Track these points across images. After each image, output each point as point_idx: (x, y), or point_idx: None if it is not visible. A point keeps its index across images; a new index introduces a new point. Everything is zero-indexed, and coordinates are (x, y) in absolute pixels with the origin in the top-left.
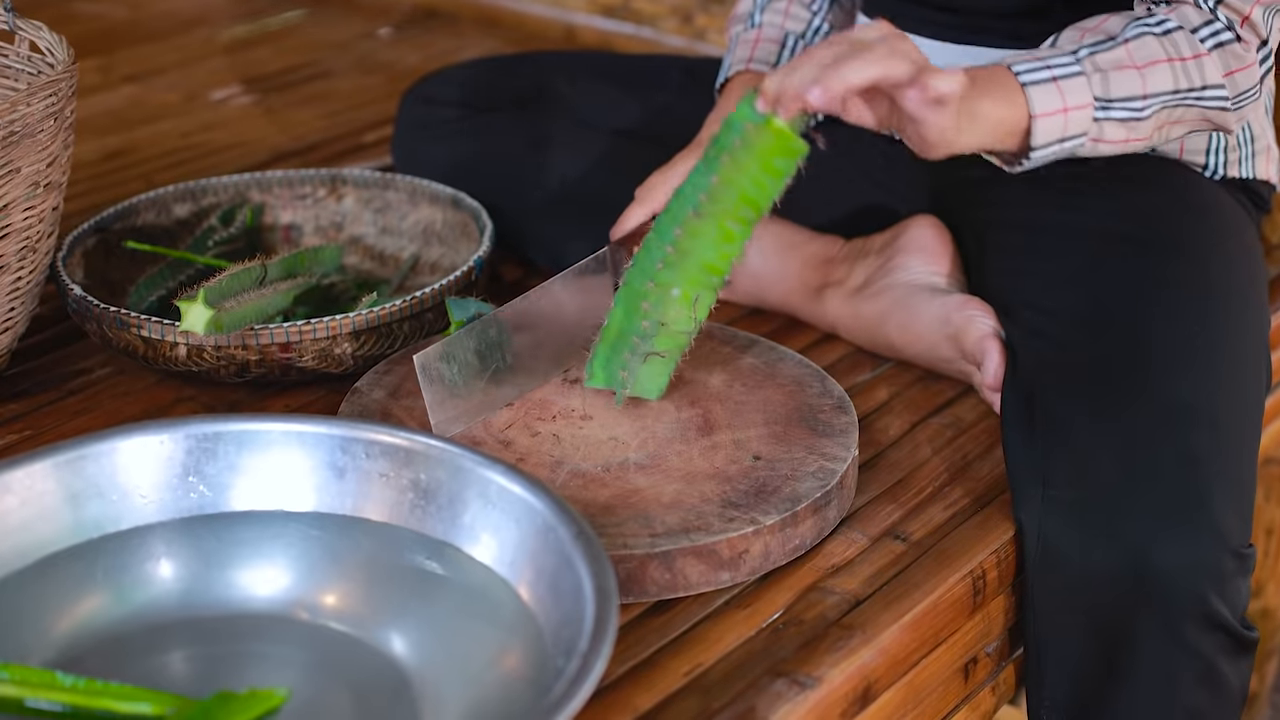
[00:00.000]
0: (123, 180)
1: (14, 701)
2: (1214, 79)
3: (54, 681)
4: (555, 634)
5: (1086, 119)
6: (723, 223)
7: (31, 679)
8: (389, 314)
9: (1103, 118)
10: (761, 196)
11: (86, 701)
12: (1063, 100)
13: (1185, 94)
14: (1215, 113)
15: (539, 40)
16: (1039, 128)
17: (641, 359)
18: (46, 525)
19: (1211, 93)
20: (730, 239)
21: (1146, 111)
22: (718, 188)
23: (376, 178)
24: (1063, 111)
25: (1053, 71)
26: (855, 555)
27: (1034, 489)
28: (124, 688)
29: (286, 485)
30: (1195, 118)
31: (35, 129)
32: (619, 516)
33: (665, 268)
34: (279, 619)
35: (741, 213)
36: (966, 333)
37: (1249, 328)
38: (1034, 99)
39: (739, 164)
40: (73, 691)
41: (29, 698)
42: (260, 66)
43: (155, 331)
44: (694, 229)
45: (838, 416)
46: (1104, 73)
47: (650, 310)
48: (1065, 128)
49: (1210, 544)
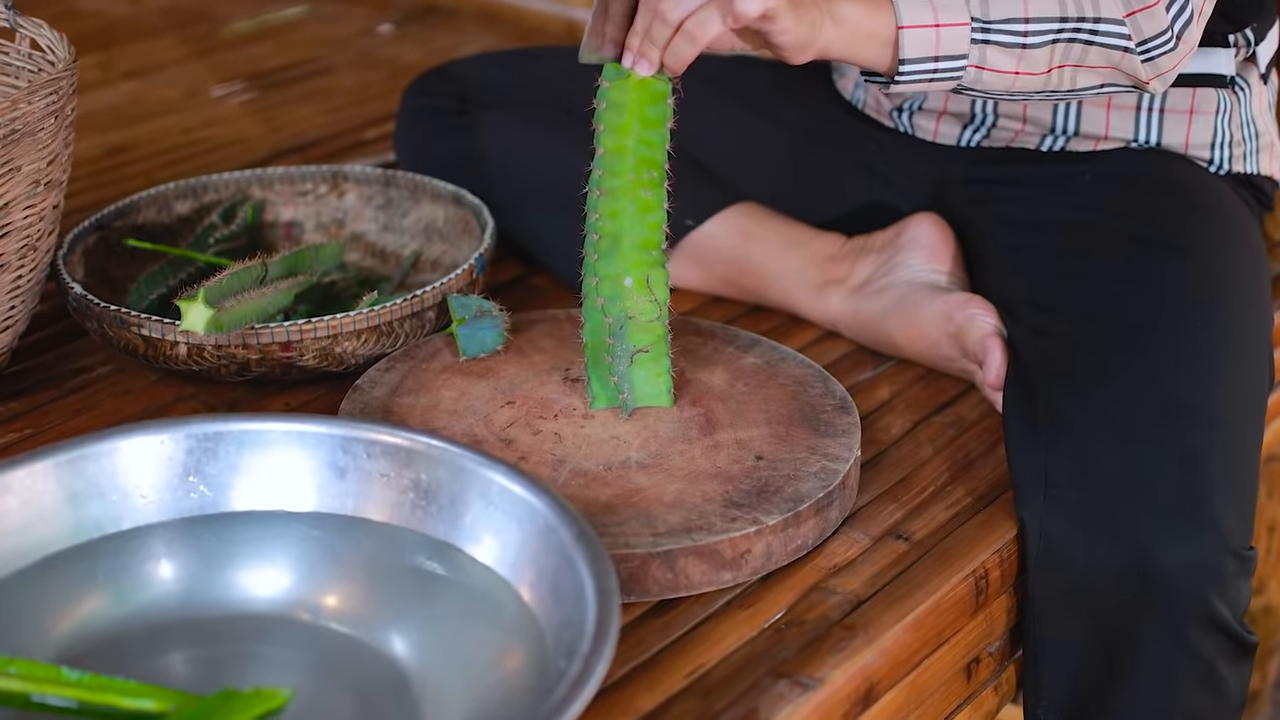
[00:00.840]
0: (123, 177)
1: (20, 696)
2: (1110, 13)
3: (59, 676)
4: (557, 635)
5: (963, 40)
6: (635, 193)
7: (37, 674)
8: (390, 313)
9: (982, 40)
10: (653, 150)
11: (91, 697)
12: (935, 15)
13: (1076, 25)
14: (1120, 55)
15: (540, 35)
16: (906, 41)
17: (627, 360)
18: (47, 525)
19: (1107, 28)
20: (648, 207)
21: (1033, 40)
22: (608, 158)
23: (378, 174)
24: (934, 26)
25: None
26: (857, 555)
27: (1036, 488)
28: (128, 683)
29: (287, 485)
30: (1101, 61)
31: (36, 127)
32: (621, 516)
33: (601, 258)
34: (280, 620)
35: (645, 176)
36: (968, 331)
37: (1252, 326)
38: (901, 10)
39: (617, 128)
40: (77, 686)
41: (34, 692)
42: (261, 62)
43: (156, 330)
44: (610, 210)
45: (840, 416)
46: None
47: (609, 305)
48: (938, 45)
49: (1212, 545)
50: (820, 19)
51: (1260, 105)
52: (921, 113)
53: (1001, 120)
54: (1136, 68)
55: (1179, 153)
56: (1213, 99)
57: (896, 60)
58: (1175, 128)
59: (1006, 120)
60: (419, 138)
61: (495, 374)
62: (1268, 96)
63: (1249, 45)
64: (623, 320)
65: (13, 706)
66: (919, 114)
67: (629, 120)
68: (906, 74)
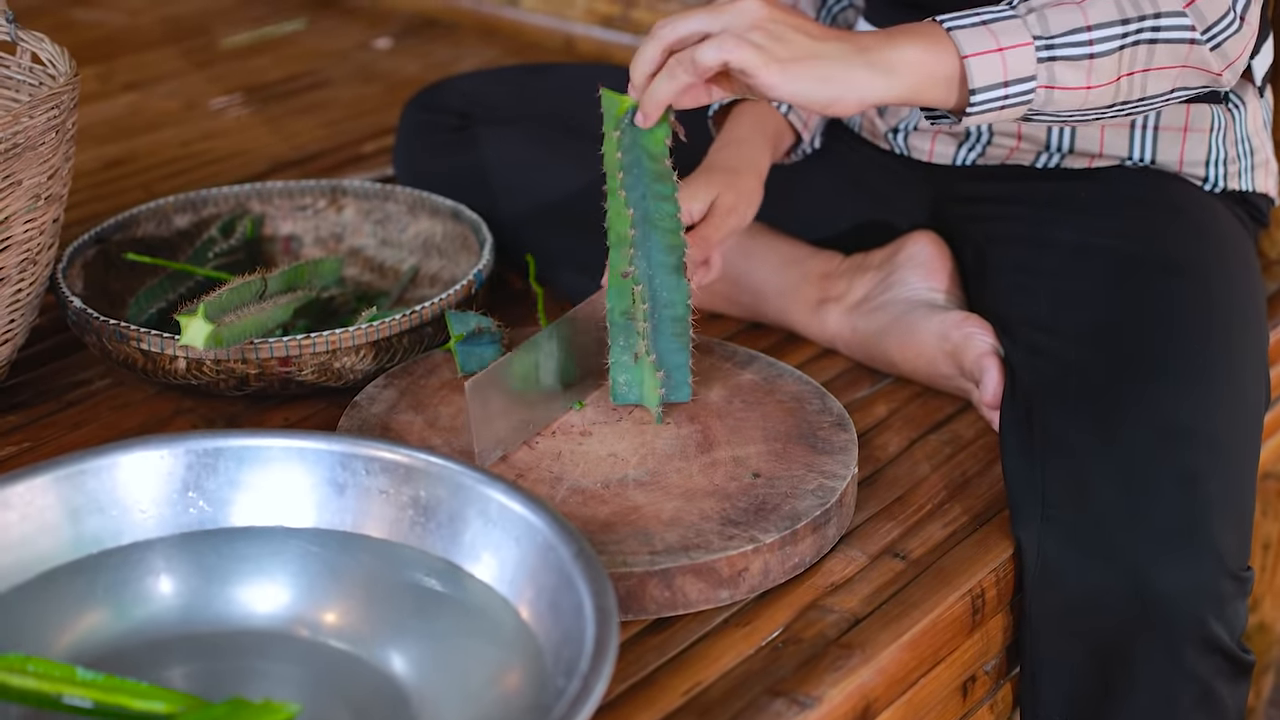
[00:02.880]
0: (122, 189)
1: (33, 694)
2: (1170, 6)
3: (74, 676)
4: (555, 653)
5: (1029, 60)
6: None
7: (53, 673)
8: (389, 328)
9: (1048, 58)
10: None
11: (103, 697)
12: (996, 40)
13: (1139, 25)
14: (1187, 49)
15: (538, 50)
16: (974, 69)
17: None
18: (47, 540)
19: (1169, 21)
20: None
21: (1099, 48)
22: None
23: (377, 189)
24: (998, 51)
25: (982, 17)
26: (854, 573)
27: (1033, 508)
28: (140, 685)
29: (286, 501)
30: (1169, 61)
31: (37, 142)
32: (619, 534)
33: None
34: (279, 636)
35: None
36: (965, 350)
37: (1249, 346)
38: (961, 40)
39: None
40: (89, 686)
41: (50, 691)
42: (260, 75)
43: (155, 345)
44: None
45: (837, 434)
46: (1039, 12)
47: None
48: (1005, 70)
49: (1210, 567)
50: (853, 75)
51: (1255, 122)
52: (917, 133)
53: (997, 138)
54: (1206, 59)
55: (1173, 170)
56: (1207, 116)
57: (963, 94)
58: (1170, 145)
59: (1001, 138)
60: (418, 152)
61: None
62: (1263, 113)
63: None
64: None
65: (27, 705)
66: (914, 134)
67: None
68: (977, 105)
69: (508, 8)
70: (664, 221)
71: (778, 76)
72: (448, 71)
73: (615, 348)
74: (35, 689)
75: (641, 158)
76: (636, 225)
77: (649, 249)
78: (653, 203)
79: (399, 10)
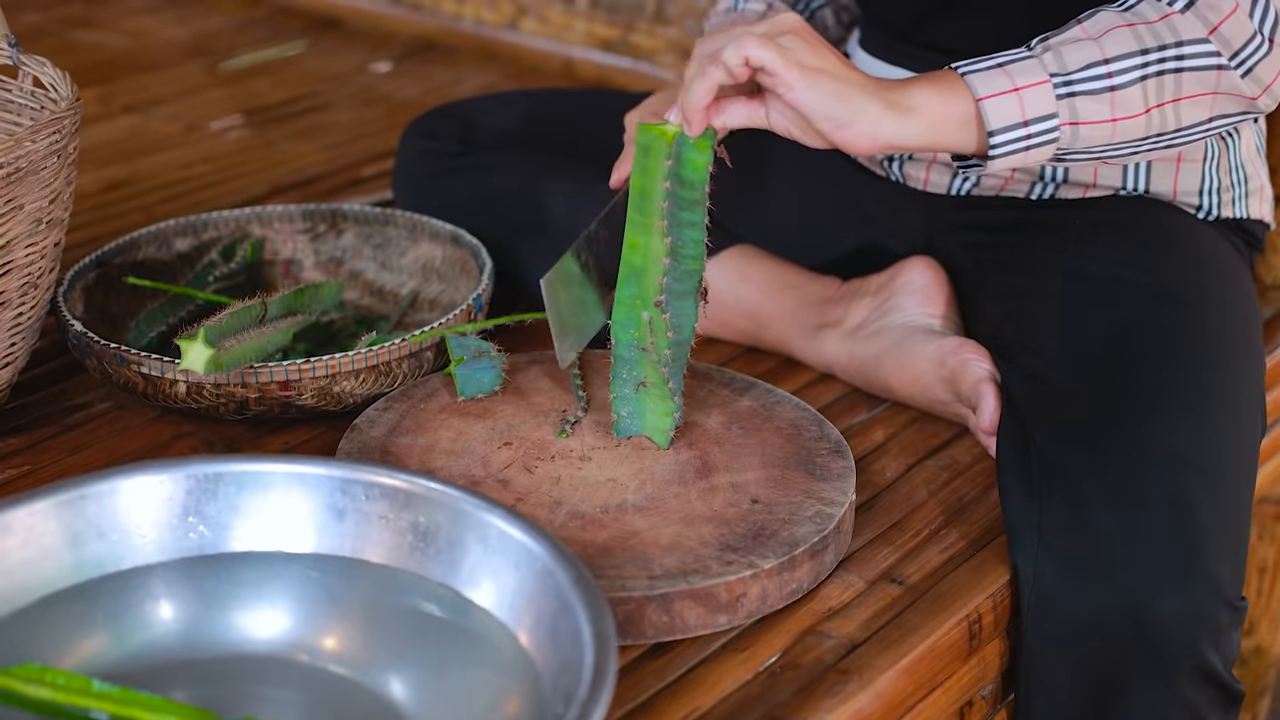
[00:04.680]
0: (122, 212)
1: (49, 704)
2: (1191, 34)
3: (89, 688)
4: (554, 680)
5: (1048, 98)
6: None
7: (70, 684)
8: (388, 353)
9: (1067, 94)
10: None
11: (117, 710)
12: (1011, 80)
13: (1160, 55)
14: (1216, 75)
15: (537, 73)
16: (989, 110)
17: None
18: (47, 564)
19: (1192, 49)
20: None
21: (1120, 79)
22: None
23: (376, 214)
24: (1014, 90)
25: (997, 60)
26: (852, 599)
27: (1030, 534)
28: (154, 699)
29: (286, 526)
30: (1199, 89)
31: (39, 166)
32: (617, 559)
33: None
34: (278, 661)
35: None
36: (962, 376)
37: (1244, 372)
38: (975, 83)
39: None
40: (102, 699)
41: (64, 701)
42: (260, 98)
43: (155, 369)
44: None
45: (835, 460)
46: (1054, 50)
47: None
48: (1024, 109)
49: (1206, 596)
50: (867, 104)
51: (1249, 149)
52: (912, 162)
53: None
54: (1237, 84)
55: (1167, 200)
56: (1200, 145)
57: (982, 137)
58: (1163, 175)
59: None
60: (418, 176)
61: (493, 415)
62: (1255, 140)
63: None
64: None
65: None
66: (909, 163)
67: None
68: (999, 146)
69: (508, 31)
70: (688, 249)
71: (798, 77)
72: (447, 95)
73: (618, 380)
74: (50, 699)
75: (676, 186)
76: (670, 255)
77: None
78: (680, 230)
79: (399, 33)
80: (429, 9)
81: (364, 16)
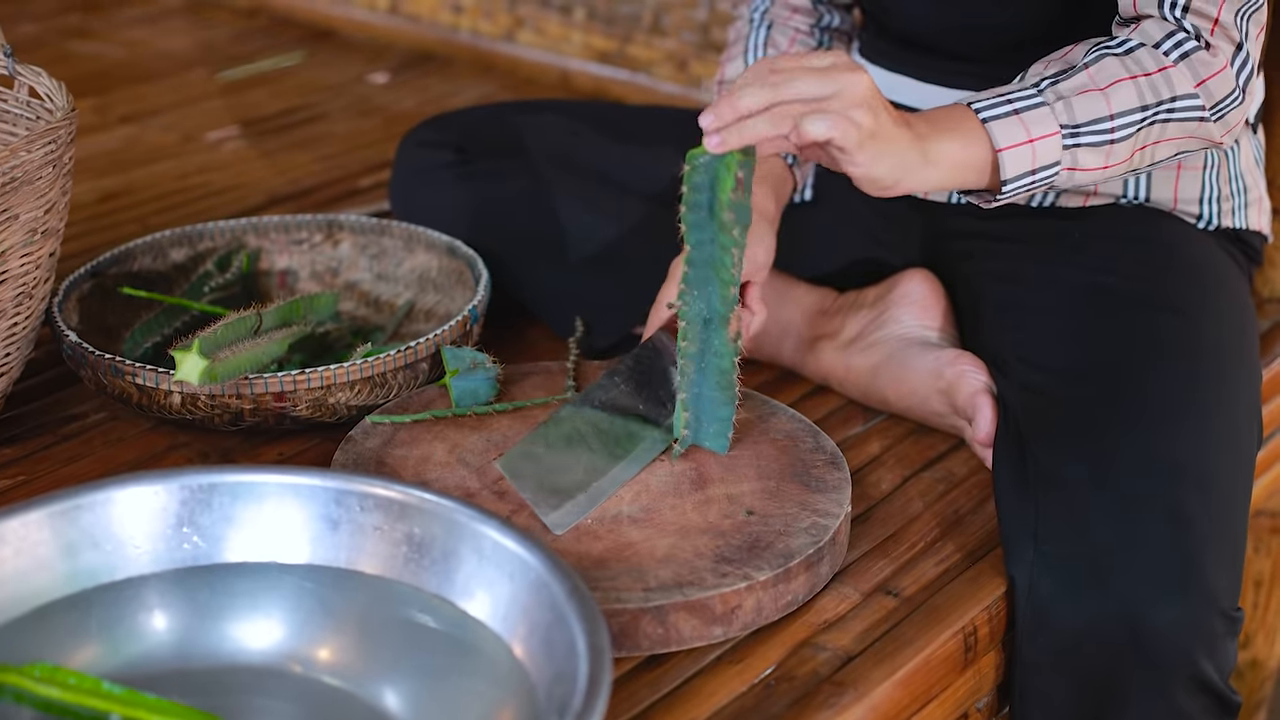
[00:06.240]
0: (118, 222)
1: (58, 703)
2: (1184, 89)
3: (97, 688)
4: (548, 691)
5: (1056, 148)
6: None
7: (84, 684)
8: (383, 364)
9: (1073, 144)
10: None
11: (123, 710)
12: (1027, 131)
13: (1156, 109)
14: (1196, 124)
15: (534, 85)
16: (1006, 161)
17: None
18: (41, 575)
19: (1184, 103)
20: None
21: (1119, 134)
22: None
23: (373, 224)
24: (1029, 142)
25: (1014, 105)
26: (847, 611)
27: (1026, 544)
28: (160, 701)
29: (281, 537)
30: (1179, 134)
31: (34, 176)
32: (612, 570)
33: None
34: (272, 672)
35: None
36: (958, 388)
37: (1241, 384)
38: (996, 133)
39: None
40: (108, 699)
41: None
42: (256, 109)
43: (150, 379)
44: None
45: (831, 472)
46: (1066, 99)
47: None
48: (1035, 159)
49: (1202, 606)
50: (911, 162)
51: (1248, 160)
52: None
53: None
54: (1210, 130)
55: (1167, 209)
56: (1201, 154)
57: (994, 179)
58: (1163, 183)
59: None
60: (414, 187)
61: (488, 426)
62: (1255, 151)
63: None
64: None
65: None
66: None
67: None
68: (1008, 190)
69: (504, 43)
70: (724, 272)
71: (867, 158)
72: (444, 106)
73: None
74: (60, 698)
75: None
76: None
77: (709, 295)
78: (717, 250)
79: (396, 44)
80: (426, 20)
81: (360, 28)
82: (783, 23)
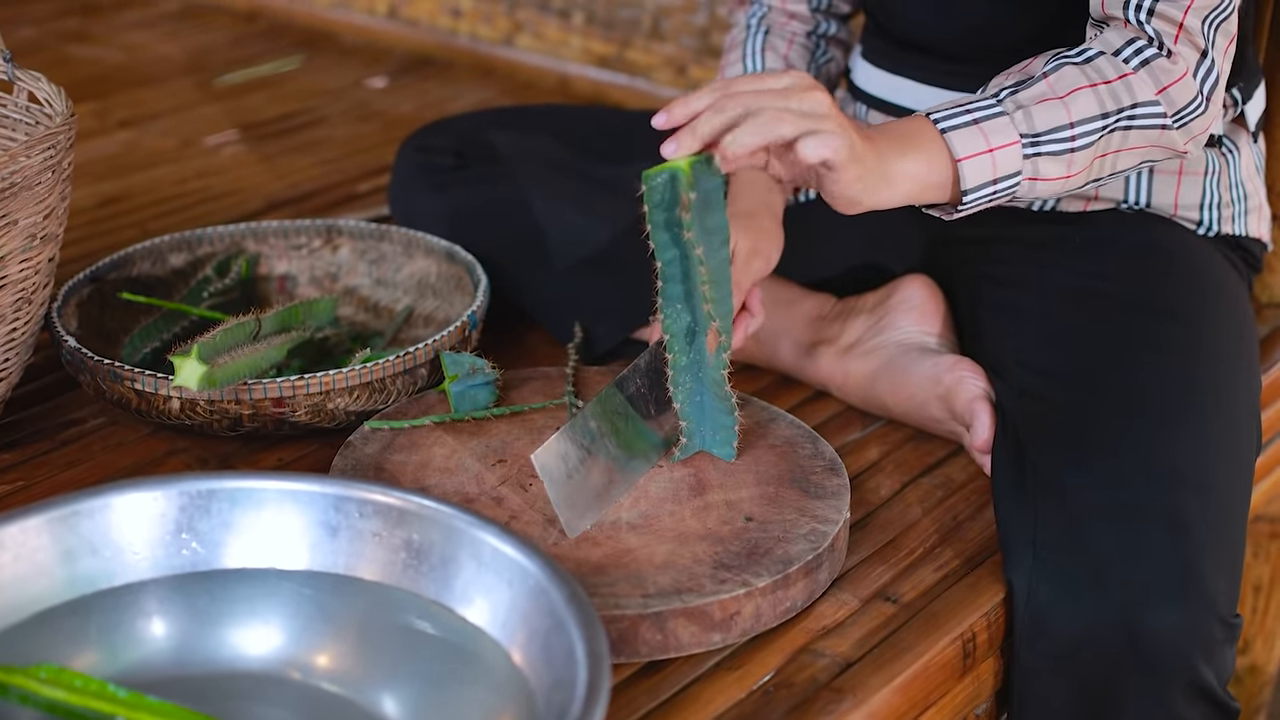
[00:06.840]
0: (117, 227)
1: (62, 705)
2: (1144, 96)
3: (103, 690)
4: (547, 697)
5: (1016, 158)
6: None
7: (90, 686)
8: (382, 369)
9: (1033, 154)
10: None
11: (128, 713)
12: (986, 141)
13: (1116, 117)
14: (1158, 132)
15: (533, 89)
16: (966, 171)
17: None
18: (40, 581)
19: (1144, 110)
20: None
21: (1080, 142)
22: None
23: (372, 229)
24: (988, 152)
25: (973, 115)
26: (846, 617)
27: (1025, 550)
28: (165, 704)
29: (279, 543)
30: (1140, 142)
31: (33, 181)
32: (611, 576)
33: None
34: (271, 679)
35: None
36: (957, 394)
37: (1240, 390)
38: (955, 143)
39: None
40: (113, 701)
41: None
42: (255, 113)
43: (149, 385)
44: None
45: (829, 478)
46: (1026, 109)
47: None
48: (995, 169)
49: (1200, 612)
50: (874, 182)
51: (1249, 167)
52: None
53: None
54: (1173, 139)
55: (1168, 214)
56: (1202, 159)
57: (955, 192)
58: (1164, 189)
59: None
60: (414, 192)
61: (487, 432)
62: (1255, 158)
63: (1237, 105)
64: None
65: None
66: None
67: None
68: (969, 202)
69: (503, 47)
70: (698, 287)
71: (850, 176)
72: (443, 110)
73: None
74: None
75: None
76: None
77: (692, 307)
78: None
79: (395, 49)
80: (425, 24)
81: (359, 32)
82: (780, 28)
